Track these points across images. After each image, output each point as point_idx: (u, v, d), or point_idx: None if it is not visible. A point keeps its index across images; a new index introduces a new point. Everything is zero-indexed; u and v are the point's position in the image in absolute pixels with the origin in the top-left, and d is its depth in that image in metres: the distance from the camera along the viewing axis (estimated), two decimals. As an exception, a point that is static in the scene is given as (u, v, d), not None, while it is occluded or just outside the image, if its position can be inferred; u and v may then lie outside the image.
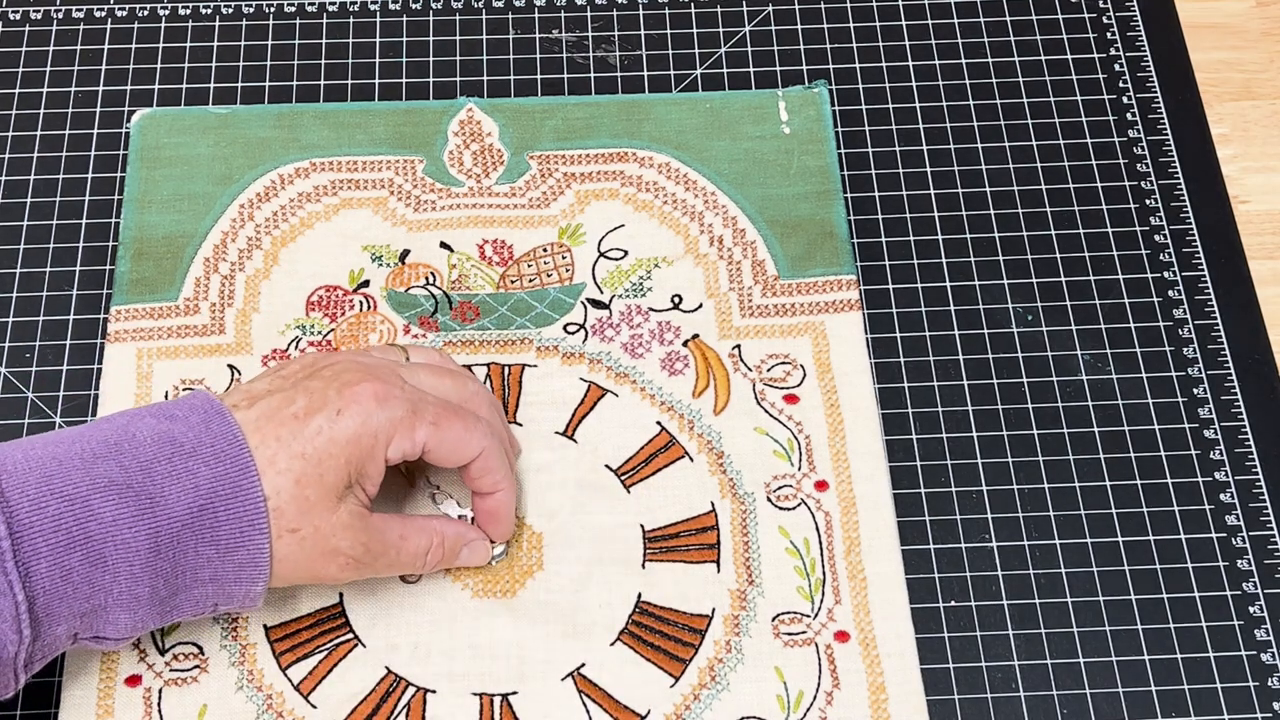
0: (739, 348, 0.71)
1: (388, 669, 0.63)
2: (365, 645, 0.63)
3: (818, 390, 0.70)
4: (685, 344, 0.71)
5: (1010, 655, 0.64)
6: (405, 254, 0.73)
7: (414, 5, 0.82)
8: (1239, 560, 0.66)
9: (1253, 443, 0.69)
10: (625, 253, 0.73)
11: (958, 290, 0.73)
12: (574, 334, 0.71)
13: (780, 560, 0.65)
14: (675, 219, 0.74)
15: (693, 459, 0.68)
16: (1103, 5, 0.83)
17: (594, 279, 0.73)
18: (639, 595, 0.65)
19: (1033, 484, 0.68)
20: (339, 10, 0.81)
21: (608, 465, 0.68)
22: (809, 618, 0.64)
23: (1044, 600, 0.65)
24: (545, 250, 0.73)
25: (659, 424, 0.69)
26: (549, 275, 0.73)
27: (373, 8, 0.82)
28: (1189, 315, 0.73)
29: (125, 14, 0.81)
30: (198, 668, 0.63)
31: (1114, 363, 0.71)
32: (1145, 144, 0.78)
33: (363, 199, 0.75)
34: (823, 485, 0.67)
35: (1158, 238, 0.75)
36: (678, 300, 0.72)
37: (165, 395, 0.69)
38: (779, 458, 0.68)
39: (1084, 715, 0.63)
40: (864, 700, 0.62)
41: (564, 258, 0.73)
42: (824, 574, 0.65)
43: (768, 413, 0.69)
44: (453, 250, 0.73)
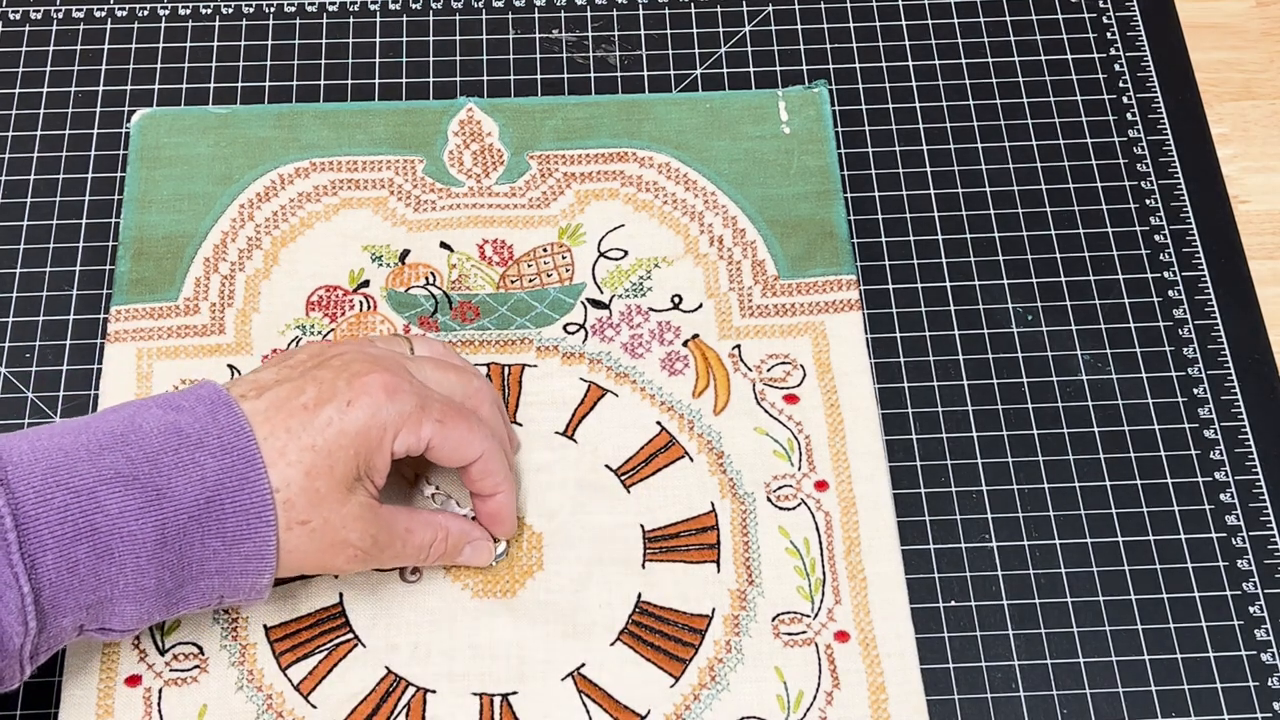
0: (739, 348, 0.71)
1: (388, 669, 0.63)
2: (365, 645, 0.63)
3: (818, 390, 0.70)
4: (685, 344, 0.71)
5: (1010, 655, 0.64)
6: (405, 254, 0.73)
7: (414, 5, 0.82)
8: (1239, 560, 0.66)
9: (1253, 443, 0.69)
10: (625, 253, 0.73)
11: (958, 290, 0.73)
12: (574, 334, 0.71)
13: (780, 560, 0.65)
14: (675, 219, 0.74)
15: (693, 459, 0.68)
16: (1103, 5, 0.83)
17: (594, 279, 0.73)
18: (639, 595, 0.65)
19: (1033, 484, 0.68)
20: (339, 10, 0.81)
21: (608, 465, 0.68)
22: (809, 618, 0.64)
23: (1044, 600, 0.65)
24: (545, 250, 0.73)
25: (659, 424, 0.69)
26: (549, 275, 0.73)
27: (373, 8, 0.82)
28: (1189, 315, 0.73)
29: (125, 14, 0.81)
30: (198, 668, 0.63)
31: (1114, 363, 0.71)
32: (1145, 144, 0.78)
33: (363, 199, 0.75)
34: (823, 485, 0.67)
35: (1158, 238, 0.75)
36: (678, 300, 0.72)
37: (165, 395, 0.69)
38: (779, 458, 0.68)
39: (1084, 715, 0.63)
40: (864, 700, 0.62)
41: (564, 258, 0.73)
42: (824, 574, 0.65)
43: (768, 413, 0.69)
44: (453, 250, 0.73)
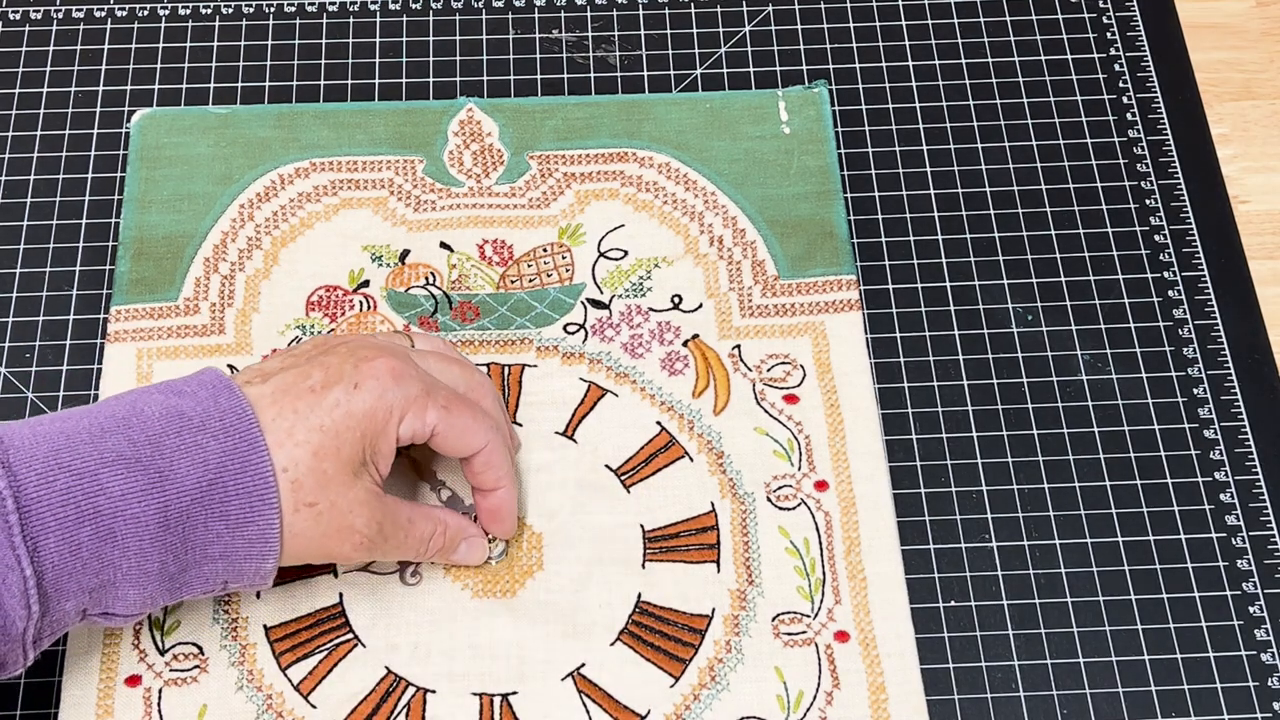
0: (739, 348, 0.71)
1: (388, 669, 0.63)
2: (365, 645, 0.63)
3: (818, 390, 0.70)
4: (685, 344, 0.71)
5: (1010, 655, 0.64)
6: (405, 254, 0.73)
7: (414, 5, 0.82)
8: (1239, 560, 0.66)
9: (1253, 443, 0.69)
10: (625, 253, 0.73)
11: (958, 290, 0.73)
12: (574, 334, 0.71)
13: (780, 560, 0.65)
14: (675, 219, 0.74)
15: (693, 459, 0.68)
16: (1103, 5, 0.83)
17: (594, 279, 0.73)
18: (639, 595, 0.65)
19: (1033, 484, 0.68)
20: (339, 10, 0.81)
21: (608, 465, 0.68)
22: (809, 618, 0.64)
23: (1044, 600, 0.65)
24: (545, 250, 0.73)
25: (659, 424, 0.69)
26: (549, 275, 0.73)
27: (373, 8, 0.82)
28: (1189, 315, 0.73)
29: (125, 14, 0.81)
30: (198, 668, 0.63)
31: (1114, 363, 0.71)
32: (1145, 144, 0.78)
33: (363, 199, 0.75)
34: (823, 485, 0.67)
35: (1158, 238, 0.75)
36: (678, 300, 0.72)
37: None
38: (779, 458, 0.68)
39: (1084, 715, 0.63)
40: (864, 700, 0.62)
41: (564, 258, 0.73)
42: (824, 574, 0.65)
43: (768, 413, 0.69)
44: (453, 250, 0.73)
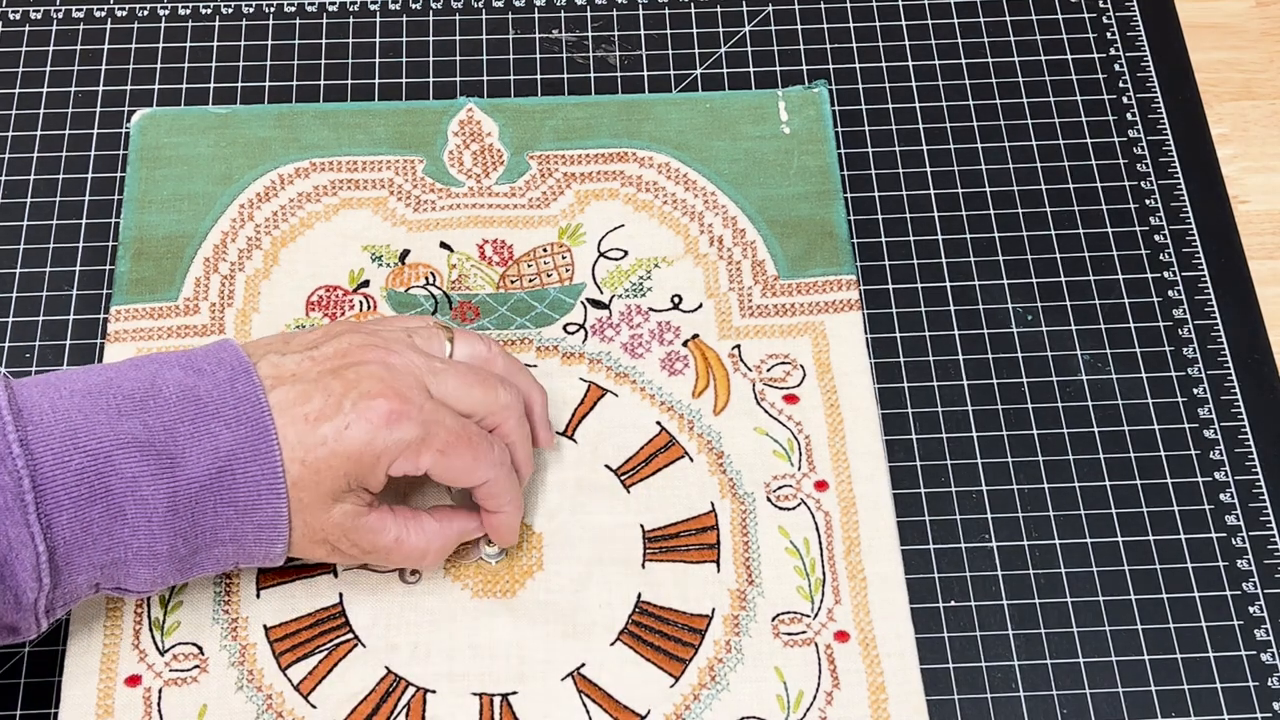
0: (739, 348, 0.71)
1: (388, 669, 0.63)
2: (365, 645, 0.63)
3: (818, 390, 0.70)
4: (685, 344, 0.71)
5: (1010, 655, 0.64)
6: (405, 254, 0.73)
7: (414, 5, 0.82)
8: (1239, 560, 0.66)
9: (1253, 443, 0.69)
10: (625, 253, 0.73)
11: (958, 290, 0.73)
12: (574, 334, 0.71)
13: (780, 560, 0.65)
14: (675, 219, 0.74)
15: (693, 459, 0.68)
16: (1103, 5, 0.83)
17: (594, 279, 0.73)
18: (639, 595, 0.64)
19: (1033, 484, 0.68)
20: (339, 10, 0.81)
21: (608, 465, 0.68)
22: (809, 618, 0.64)
23: (1044, 600, 0.65)
24: (545, 250, 0.73)
25: (659, 424, 0.69)
26: (549, 275, 0.73)
27: (373, 8, 0.82)
28: (1189, 315, 0.73)
29: (125, 14, 0.81)
30: (198, 668, 0.63)
31: (1114, 363, 0.71)
32: (1145, 144, 0.78)
33: (363, 199, 0.75)
34: (823, 485, 0.67)
35: (1158, 238, 0.75)
36: (678, 300, 0.72)
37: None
38: (779, 458, 0.68)
39: (1084, 715, 0.63)
40: (864, 700, 0.62)
41: (564, 258, 0.73)
42: (824, 574, 0.65)
43: (767, 413, 0.69)
44: (453, 250, 0.73)
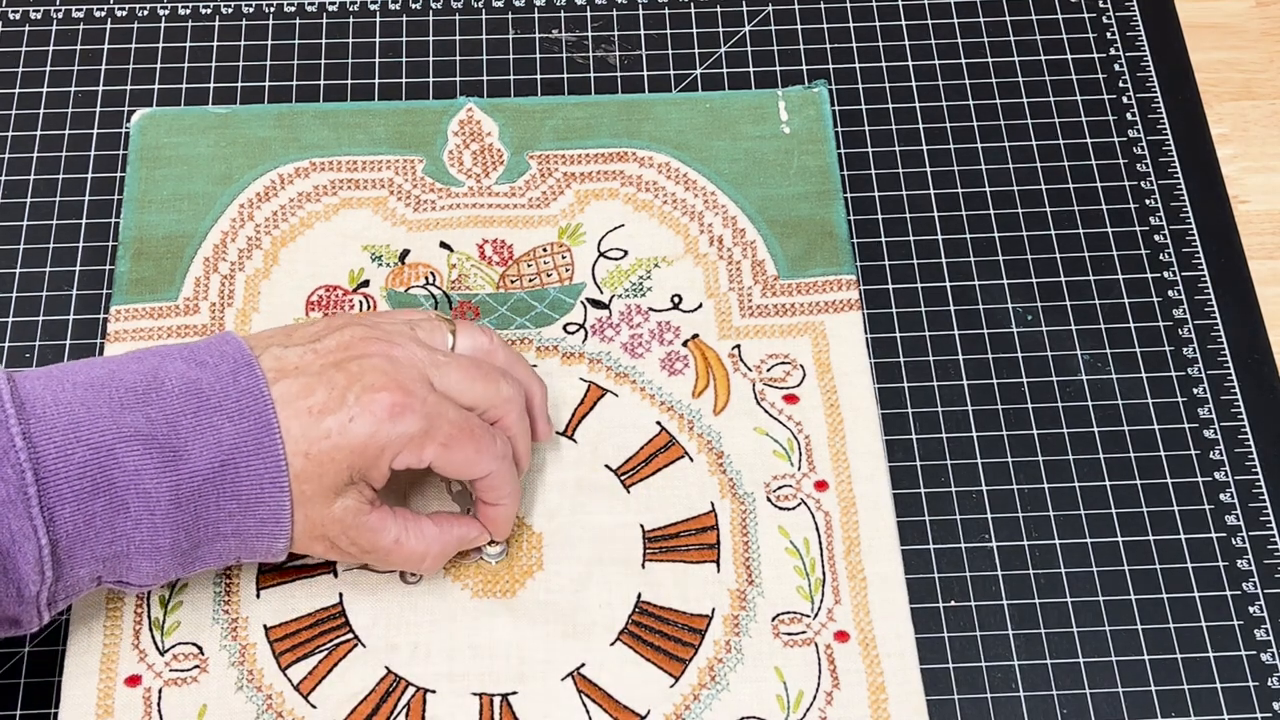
0: (739, 348, 0.71)
1: (388, 669, 0.63)
2: (365, 645, 0.63)
3: (817, 390, 0.70)
4: (685, 344, 0.71)
5: (1010, 655, 0.64)
6: (405, 254, 0.73)
7: (414, 5, 0.82)
8: (1239, 560, 0.66)
9: (1253, 443, 0.69)
10: (625, 253, 0.73)
11: (958, 290, 0.73)
12: (574, 334, 0.71)
13: (780, 560, 0.65)
14: (675, 219, 0.74)
15: (693, 459, 0.68)
16: (1103, 5, 0.83)
17: (594, 279, 0.73)
18: (639, 595, 0.64)
19: (1033, 484, 0.68)
20: (339, 10, 0.81)
21: (608, 465, 0.68)
22: (809, 618, 0.64)
23: (1044, 600, 0.65)
24: (545, 250, 0.73)
25: (659, 424, 0.69)
26: (549, 275, 0.73)
27: (373, 8, 0.82)
28: (1189, 315, 0.73)
29: (125, 14, 0.81)
30: (198, 668, 0.63)
31: (1114, 363, 0.71)
32: (1145, 144, 0.78)
33: (363, 199, 0.75)
34: (823, 485, 0.67)
35: (1158, 238, 0.75)
36: (677, 300, 0.72)
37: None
38: (779, 458, 0.68)
39: (1084, 715, 0.63)
40: (864, 700, 0.62)
41: (564, 258, 0.73)
42: (824, 574, 0.65)
43: (767, 413, 0.69)
44: (452, 250, 0.73)
